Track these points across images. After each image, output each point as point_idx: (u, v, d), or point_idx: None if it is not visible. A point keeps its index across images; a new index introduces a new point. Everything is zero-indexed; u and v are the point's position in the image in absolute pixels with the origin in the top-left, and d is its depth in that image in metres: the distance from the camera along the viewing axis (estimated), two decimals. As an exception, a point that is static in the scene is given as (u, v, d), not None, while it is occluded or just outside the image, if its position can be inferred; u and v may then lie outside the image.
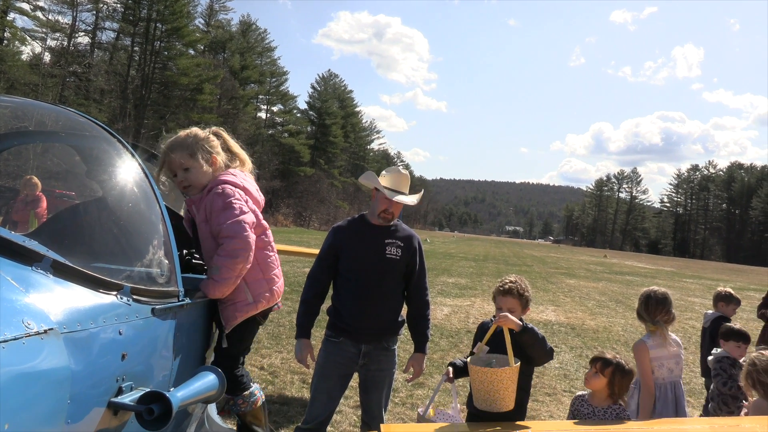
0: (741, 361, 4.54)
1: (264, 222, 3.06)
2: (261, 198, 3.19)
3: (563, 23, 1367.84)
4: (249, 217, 2.84)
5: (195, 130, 3.04)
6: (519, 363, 3.36)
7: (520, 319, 3.56)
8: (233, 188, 2.90)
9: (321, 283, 4.17)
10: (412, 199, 4.12)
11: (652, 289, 4.41)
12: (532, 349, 3.50)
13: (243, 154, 3.24)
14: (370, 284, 4.00)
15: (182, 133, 3.04)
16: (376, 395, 4.17)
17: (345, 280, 4.09)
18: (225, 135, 3.18)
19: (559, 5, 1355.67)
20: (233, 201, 2.84)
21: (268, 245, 3.08)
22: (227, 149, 3.15)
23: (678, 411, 4.08)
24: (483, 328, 3.97)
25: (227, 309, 2.86)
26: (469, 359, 3.52)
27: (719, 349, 4.98)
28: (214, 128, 3.15)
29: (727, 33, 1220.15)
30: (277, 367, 7.42)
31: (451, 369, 3.82)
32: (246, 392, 3.08)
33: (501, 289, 3.76)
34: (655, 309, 4.21)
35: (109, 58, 52.68)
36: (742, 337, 4.91)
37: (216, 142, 3.06)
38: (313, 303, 4.15)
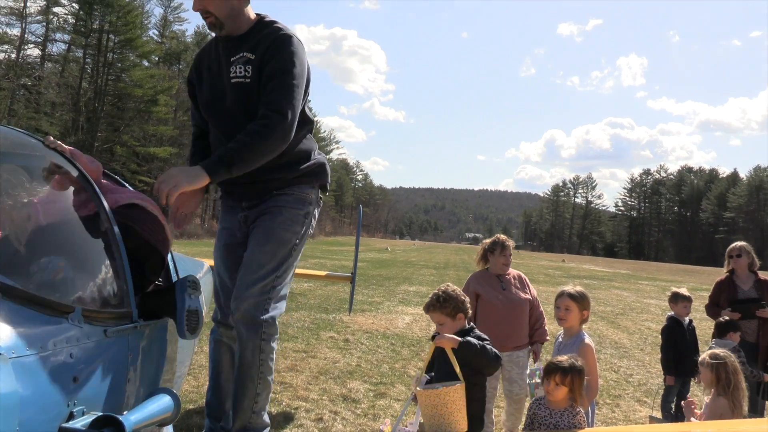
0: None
1: None
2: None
3: (514, 35, 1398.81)
4: None
5: None
6: (463, 383, 3.35)
7: (461, 331, 3.57)
8: None
9: (196, 120, 3.38)
10: None
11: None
12: (475, 361, 3.46)
13: None
14: (221, 124, 3.04)
15: None
16: (248, 249, 3.10)
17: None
18: None
19: (508, 19, 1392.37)
20: None
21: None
22: None
23: None
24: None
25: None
26: (416, 388, 3.51)
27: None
28: None
29: (668, 44, 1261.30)
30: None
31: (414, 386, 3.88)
32: None
33: (424, 308, 3.81)
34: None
35: (61, 70, 51.44)
36: (731, 326, 5.63)
37: None
38: (195, 144, 3.42)
